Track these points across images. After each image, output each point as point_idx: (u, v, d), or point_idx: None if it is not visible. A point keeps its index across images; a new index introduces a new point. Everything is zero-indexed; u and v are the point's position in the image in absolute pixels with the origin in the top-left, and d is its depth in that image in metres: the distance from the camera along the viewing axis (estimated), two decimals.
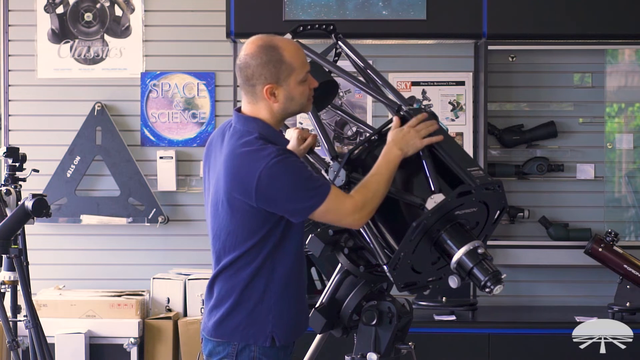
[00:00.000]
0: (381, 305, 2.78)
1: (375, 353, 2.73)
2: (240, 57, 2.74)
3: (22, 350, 4.45)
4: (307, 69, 2.74)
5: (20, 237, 4.20)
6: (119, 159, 5.23)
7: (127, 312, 4.83)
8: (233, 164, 2.68)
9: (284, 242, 2.73)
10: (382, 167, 2.73)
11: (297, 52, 2.74)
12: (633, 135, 5.28)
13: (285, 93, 2.73)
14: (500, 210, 2.77)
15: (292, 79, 2.71)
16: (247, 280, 2.74)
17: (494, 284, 2.58)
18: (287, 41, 2.75)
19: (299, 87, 2.73)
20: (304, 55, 2.76)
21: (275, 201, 2.66)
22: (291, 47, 2.73)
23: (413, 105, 2.81)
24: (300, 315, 2.81)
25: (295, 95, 2.74)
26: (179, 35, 5.30)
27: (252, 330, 2.73)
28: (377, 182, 2.71)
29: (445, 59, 5.27)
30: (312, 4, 4.95)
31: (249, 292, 2.74)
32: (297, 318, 2.79)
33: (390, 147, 2.74)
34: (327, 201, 2.66)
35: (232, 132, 2.76)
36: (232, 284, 2.76)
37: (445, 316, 4.76)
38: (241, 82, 2.75)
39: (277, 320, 2.74)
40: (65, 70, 5.32)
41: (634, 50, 5.28)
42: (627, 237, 5.27)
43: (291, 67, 2.70)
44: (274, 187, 2.64)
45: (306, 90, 2.76)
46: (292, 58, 2.70)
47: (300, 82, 2.72)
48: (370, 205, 2.70)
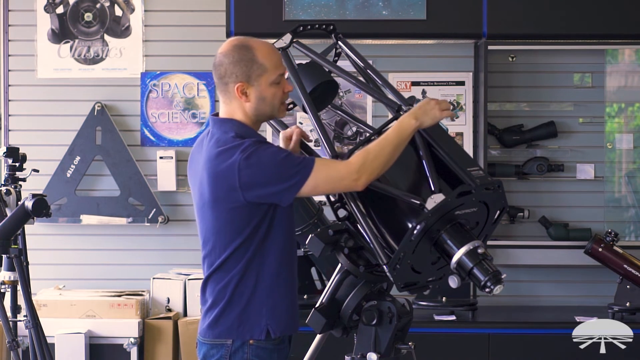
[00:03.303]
0: (381, 305, 2.78)
1: (375, 353, 2.73)
2: (216, 55, 2.81)
3: (22, 350, 4.45)
4: (280, 72, 2.77)
5: (20, 237, 4.20)
6: (119, 159, 5.23)
7: (127, 312, 4.83)
8: (212, 164, 2.71)
9: (271, 235, 2.75)
10: (391, 133, 2.72)
11: (271, 53, 2.77)
12: (633, 135, 5.28)
13: (256, 93, 2.76)
14: (500, 210, 2.77)
15: (263, 79, 2.75)
16: (237, 278, 2.76)
17: (494, 284, 2.58)
18: (262, 42, 2.79)
19: (270, 88, 2.76)
20: (279, 58, 2.79)
21: (260, 187, 2.67)
22: (265, 48, 2.77)
23: (413, 105, 2.81)
24: (294, 306, 2.81)
25: (266, 96, 2.77)
26: (179, 35, 5.30)
27: (247, 326, 2.75)
28: (381, 146, 2.70)
29: (445, 59, 5.27)
30: (312, 4, 4.95)
31: (241, 289, 2.76)
32: (291, 309, 2.80)
33: (406, 115, 2.75)
34: (314, 173, 2.66)
35: (209, 137, 2.80)
36: (224, 284, 2.78)
37: (445, 316, 4.76)
38: (216, 81, 2.81)
39: (271, 313, 2.75)
40: (65, 70, 5.32)
41: (634, 50, 5.28)
42: (627, 237, 5.27)
43: (263, 67, 2.74)
44: (255, 175, 2.65)
45: (279, 93, 2.78)
46: (264, 58, 2.75)
47: (272, 83, 2.76)
48: (370, 166, 2.68)
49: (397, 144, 2.71)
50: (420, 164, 2.70)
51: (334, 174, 2.68)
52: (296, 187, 2.67)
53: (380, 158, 2.69)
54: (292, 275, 2.82)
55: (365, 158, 2.67)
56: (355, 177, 2.67)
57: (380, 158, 2.69)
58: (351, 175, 2.67)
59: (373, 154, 2.68)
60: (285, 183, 2.66)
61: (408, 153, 2.74)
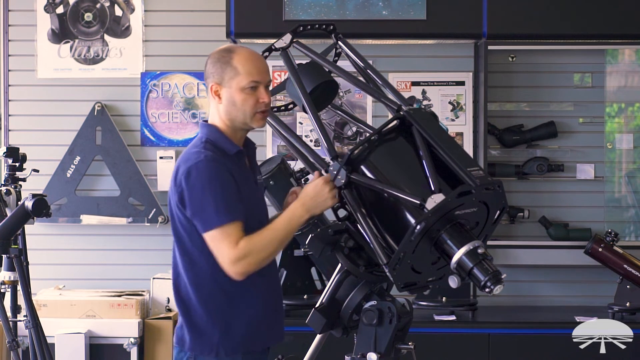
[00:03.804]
0: (381, 305, 2.77)
1: (375, 353, 2.73)
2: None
3: (22, 350, 4.45)
4: (253, 79, 2.79)
5: (20, 237, 4.20)
6: (119, 159, 5.23)
7: (127, 312, 4.83)
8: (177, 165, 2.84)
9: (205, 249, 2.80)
10: (282, 225, 2.77)
11: (249, 60, 2.81)
12: (633, 135, 5.28)
13: (227, 95, 2.81)
14: (500, 210, 2.76)
15: (234, 82, 2.79)
16: (191, 294, 2.83)
17: (494, 284, 2.58)
18: (245, 50, 2.85)
19: (241, 93, 2.80)
20: (259, 67, 2.82)
21: (186, 200, 2.76)
22: (245, 54, 2.83)
23: (413, 105, 2.80)
24: (255, 324, 2.84)
25: (236, 101, 2.81)
26: (179, 35, 5.30)
27: (198, 341, 2.81)
28: (269, 239, 2.75)
29: (445, 59, 5.27)
30: (312, 4, 4.95)
31: (195, 306, 2.82)
32: (251, 328, 2.83)
33: (297, 206, 2.78)
34: (212, 234, 2.73)
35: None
36: (181, 298, 2.86)
37: (445, 316, 4.76)
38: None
39: (224, 334, 2.81)
40: (65, 70, 5.32)
41: (634, 50, 5.28)
42: (627, 237, 5.27)
43: (235, 71, 2.79)
44: (187, 194, 2.75)
45: (250, 100, 2.80)
46: (239, 63, 2.79)
47: (242, 88, 2.79)
48: (254, 259, 2.73)
49: (285, 237, 2.79)
50: (420, 164, 2.70)
51: (222, 251, 2.73)
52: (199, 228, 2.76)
53: (266, 252, 2.75)
54: (257, 294, 2.85)
55: (251, 250, 2.72)
56: (233, 267, 2.73)
57: (266, 252, 2.75)
58: (230, 261, 2.72)
59: (259, 247, 2.74)
60: (196, 215, 2.75)
61: (408, 153, 2.73)
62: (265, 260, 2.75)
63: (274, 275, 2.93)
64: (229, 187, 2.74)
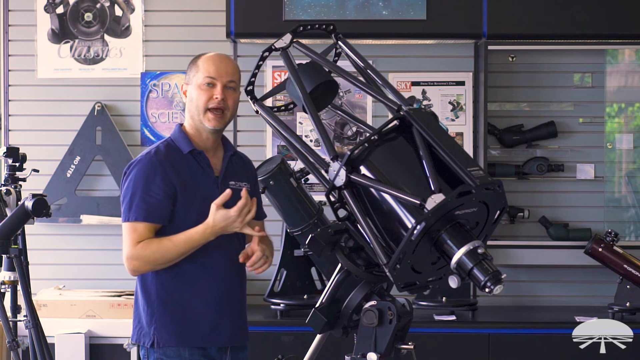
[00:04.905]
0: (381, 305, 2.77)
1: (375, 353, 2.73)
2: None
3: (22, 350, 4.45)
4: (209, 75, 2.99)
5: (20, 237, 4.20)
6: (119, 159, 5.23)
7: (127, 312, 4.82)
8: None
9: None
10: (185, 242, 2.94)
11: (210, 60, 3.02)
12: (633, 135, 5.28)
13: (189, 92, 3.05)
14: (500, 210, 2.76)
15: (195, 79, 3.02)
16: (138, 288, 3.05)
17: (494, 284, 2.58)
18: (215, 53, 3.07)
19: (197, 89, 3.01)
20: (218, 66, 3.02)
21: (121, 200, 3.02)
22: (210, 55, 3.05)
23: (413, 105, 2.80)
24: (194, 320, 3.00)
25: (193, 96, 3.03)
26: (179, 35, 5.30)
27: (142, 331, 3.04)
28: (165, 249, 2.93)
29: (445, 59, 5.27)
30: (312, 4, 4.95)
31: (140, 296, 3.04)
32: (189, 323, 2.99)
33: (206, 228, 2.93)
34: (123, 226, 3.01)
35: None
36: (135, 289, 3.09)
37: (445, 316, 4.76)
38: None
39: (159, 324, 2.99)
40: (65, 70, 5.32)
41: (634, 50, 5.28)
42: (627, 237, 5.27)
43: (197, 69, 3.01)
44: (124, 179, 3.01)
45: (204, 96, 3.00)
46: (202, 62, 3.01)
47: (199, 85, 2.99)
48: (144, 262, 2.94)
49: (183, 252, 2.95)
50: (420, 164, 2.69)
51: (123, 243, 3.00)
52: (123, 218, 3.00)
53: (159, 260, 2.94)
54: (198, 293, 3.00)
55: (142, 255, 2.94)
56: (126, 263, 2.98)
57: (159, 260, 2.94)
58: (125, 257, 2.98)
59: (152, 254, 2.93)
60: (124, 212, 3.01)
61: (408, 153, 2.73)
62: (159, 266, 2.93)
63: (226, 278, 3.05)
64: (154, 188, 2.93)
